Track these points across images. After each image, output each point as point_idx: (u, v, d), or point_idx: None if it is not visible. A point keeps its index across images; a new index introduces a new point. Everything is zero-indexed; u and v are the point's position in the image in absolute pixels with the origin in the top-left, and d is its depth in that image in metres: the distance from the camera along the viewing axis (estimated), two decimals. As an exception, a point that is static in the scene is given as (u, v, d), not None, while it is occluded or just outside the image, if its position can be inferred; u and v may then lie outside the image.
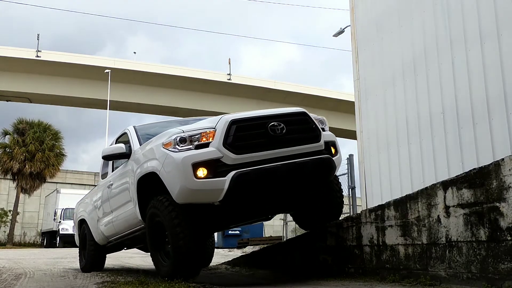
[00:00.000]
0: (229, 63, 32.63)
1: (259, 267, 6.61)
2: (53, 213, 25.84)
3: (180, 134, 4.52)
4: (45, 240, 28.00)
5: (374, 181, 8.18)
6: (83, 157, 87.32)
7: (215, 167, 4.33)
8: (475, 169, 3.90)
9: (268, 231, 24.29)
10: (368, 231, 4.92)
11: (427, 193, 4.26)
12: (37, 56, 28.28)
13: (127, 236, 5.99)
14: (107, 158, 5.84)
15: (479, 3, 6.40)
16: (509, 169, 3.53)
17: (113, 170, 6.39)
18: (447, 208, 4.04)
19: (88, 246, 7.08)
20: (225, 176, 4.31)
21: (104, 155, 5.73)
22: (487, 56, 6.23)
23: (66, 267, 8.08)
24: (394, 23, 7.98)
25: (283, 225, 15.86)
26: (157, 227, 4.83)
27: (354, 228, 5.12)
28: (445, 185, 4.08)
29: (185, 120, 6.47)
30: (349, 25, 9.42)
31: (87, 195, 7.80)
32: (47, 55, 28.66)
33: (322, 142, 4.83)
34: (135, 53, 73.03)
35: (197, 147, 4.40)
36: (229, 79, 32.35)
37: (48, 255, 12.43)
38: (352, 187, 9.99)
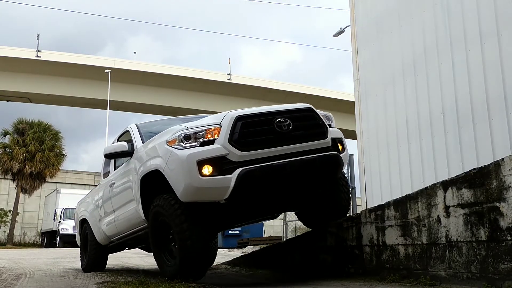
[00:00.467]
0: (229, 63, 32.68)
1: (259, 267, 6.61)
2: (53, 213, 25.80)
3: (184, 131, 4.41)
4: (45, 240, 27.97)
5: (374, 181, 8.18)
6: (83, 157, 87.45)
7: (221, 164, 4.23)
8: (475, 169, 3.90)
9: (268, 231, 24.28)
10: (368, 231, 4.92)
11: (427, 193, 4.26)
12: (37, 56, 28.31)
13: (129, 236, 5.91)
14: (109, 156, 5.73)
15: (479, 3, 6.40)
16: (509, 169, 3.53)
17: (115, 169, 6.32)
18: (447, 208, 4.04)
19: (89, 246, 7.02)
20: (231, 173, 4.21)
21: (106, 153, 5.63)
22: (487, 56, 6.23)
23: (66, 267, 8.07)
24: (394, 23, 7.99)
25: (283, 225, 15.85)
26: (161, 226, 4.73)
27: (354, 228, 5.12)
28: (445, 185, 4.08)
29: (188, 118, 6.33)
30: (349, 25, 9.42)
31: (88, 194, 7.74)
32: (47, 55, 28.68)
33: (329, 138, 4.73)
34: (135, 53, 72.95)
35: (202, 144, 4.30)
36: (229, 79, 32.37)
37: (48, 255, 12.42)
38: (352, 187, 9.99)
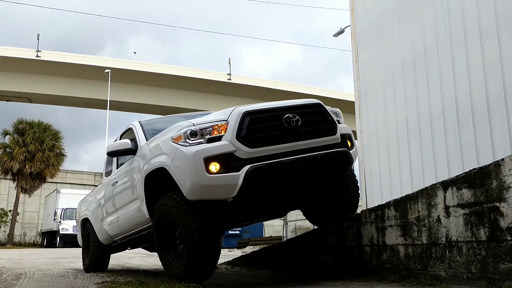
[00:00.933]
0: (229, 63, 32.71)
1: (259, 267, 6.60)
2: (53, 213, 25.80)
3: (190, 127, 4.29)
4: (45, 240, 27.95)
5: (374, 181, 8.18)
6: (83, 157, 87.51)
7: (228, 161, 4.12)
8: (475, 169, 3.90)
9: (268, 231, 24.26)
10: (368, 231, 4.92)
11: (427, 193, 4.26)
12: (37, 56, 28.33)
13: (133, 235, 5.80)
14: (112, 154, 5.60)
15: (479, 3, 6.40)
16: (509, 169, 3.53)
17: (117, 167, 6.22)
18: (447, 208, 4.04)
19: (91, 246, 6.92)
20: (238, 170, 4.10)
21: (109, 151, 5.52)
22: (487, 56, 6.23)
23: (66, 267, 8.07)
24: (394, 23, 7.99)
25: (283, 225, 15.86)
26: (167, 226, 4.62)
27: (354, 228, 5.11)
28: (445, 185, 4.08)
29: (192, 115, 6.19)
30: (349, 25, 9.42)
31: (90, 193, 7.62)
32: (47, 55, 28.69)
33: (338, 134, 4.66)
34: (135, 53, 72.87)
35: (209, 141, 4.19)
36: (229, 79, 32.39)
37: (48, 255, 12.42)
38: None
